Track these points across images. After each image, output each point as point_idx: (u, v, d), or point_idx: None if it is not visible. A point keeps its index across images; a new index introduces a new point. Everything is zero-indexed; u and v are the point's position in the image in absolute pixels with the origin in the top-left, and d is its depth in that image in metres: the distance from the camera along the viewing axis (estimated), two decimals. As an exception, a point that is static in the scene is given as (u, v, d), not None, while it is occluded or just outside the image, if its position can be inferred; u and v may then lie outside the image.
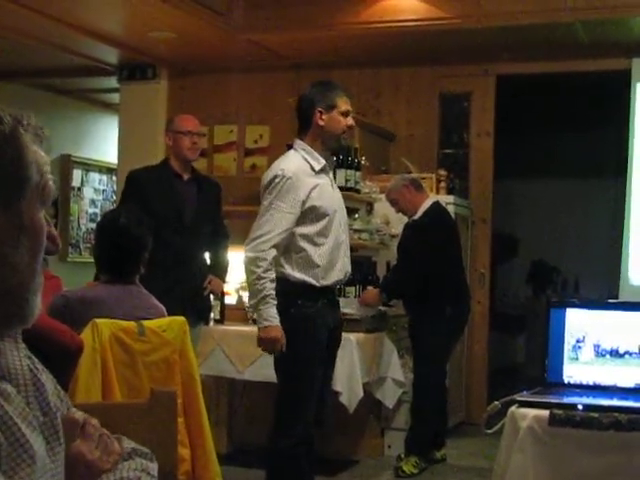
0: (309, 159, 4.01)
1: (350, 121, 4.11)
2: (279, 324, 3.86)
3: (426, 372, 5.83)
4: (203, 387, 3.56)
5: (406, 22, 6.85)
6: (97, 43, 7.58)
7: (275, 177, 3.93)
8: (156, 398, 1.78)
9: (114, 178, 9.73)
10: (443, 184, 7.19)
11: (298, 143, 4.09)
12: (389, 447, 6.24)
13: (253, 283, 3.87)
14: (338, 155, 6.64)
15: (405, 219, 6.02)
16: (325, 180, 4.05)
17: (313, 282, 3.96)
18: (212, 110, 8.23)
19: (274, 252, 3.87)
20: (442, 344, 5.89)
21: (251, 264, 3.87)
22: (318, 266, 3.96)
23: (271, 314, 3.86)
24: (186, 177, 5.14)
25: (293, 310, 3.94)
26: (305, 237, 3.96)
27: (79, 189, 9.95)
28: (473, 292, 6.90)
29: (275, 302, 3.86)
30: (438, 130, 7.94)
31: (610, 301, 4.42)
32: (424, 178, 6.89)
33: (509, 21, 6.70)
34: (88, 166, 10.01)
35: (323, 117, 4.02)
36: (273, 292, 3.86)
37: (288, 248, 3.95)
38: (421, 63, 7.81)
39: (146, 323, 3.32)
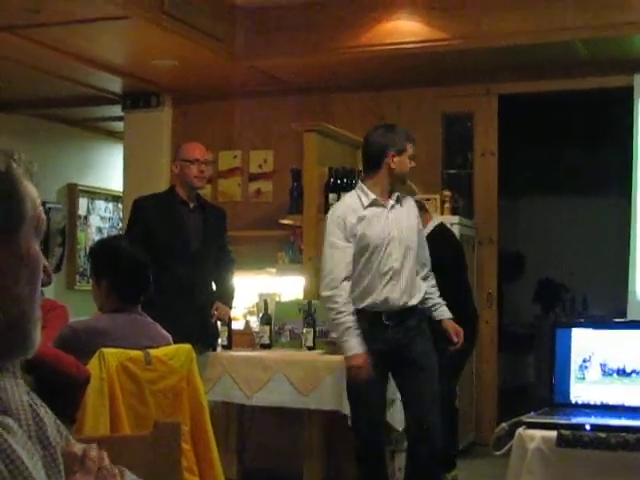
0: (361, 196, 4.40)
1: (413, 164, 4.55)
2: (364, 352, 4.24)
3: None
4: (212, 413, 3.56)
5: (407, 44, 6.89)
6: (100, 72, 7.63)
7: (332, 220, 4.36)
8: (160, 430, 1.79)
9: (120, 206, 9.76)
10: (448, 205, 7.19)
11: (360, 184, 4.49)
12: (399, 470, 6.20)
13: (334, 318, 4.26)
14: (342, 179, 6.69)
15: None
16: (377, 211, 4.40)
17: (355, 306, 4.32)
18: (216, 136, 8.26)
19: (347, 285, 4.25)
20: (451, 365, 5.87)
21: (328, 302, 4.28)
22: (358, 291, 4.34)
23: (354, 343, 4.24)
24: (192, 205, 5.16)
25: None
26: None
27: (85, 217, 9.98)
28: (481, 312, 6.89)
29: (358, 332, 4.23)
30: (441, 151, 7.95)
31: (616, 320, 4.41)
32: (428, 199, 6.90)
33: (509, 41, 6.73)
34: (94, 194, 10.05)
35: (394, 160, 4.42)
36: (355, 323, 4.23)
37: None
38: (423, 84, 7.84)
39: (152, 352, 3.33)
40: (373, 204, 4.38)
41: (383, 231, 4.37)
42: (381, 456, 4.54)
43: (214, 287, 5.27)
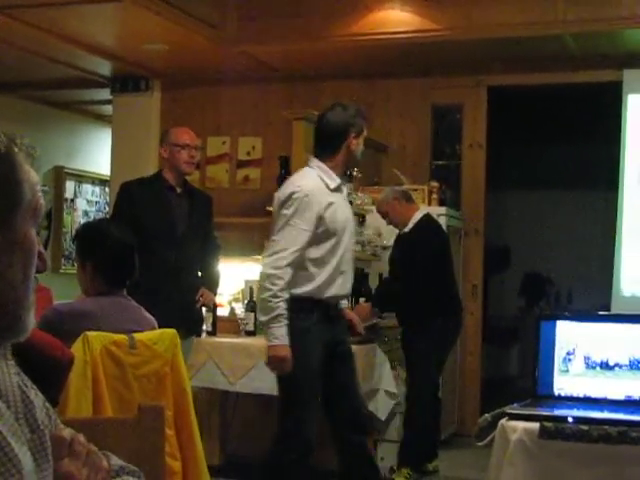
0: (324, 177, 4.10)
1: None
2: (288, 344, 3.92)
3: (419, 384, 5.84)
4: (195, 399, 3.55)
5: (397, 34, 6.88)
6: (90, 55, 7.59)
7: (292, 193, 4.00)
8: (143, 413, 1.79)
9: (107, 189, 9.73)
10: (435, 195, 7.20)
11: (314, 162, 4.16)
12: (382, 459, 6.22)
13: (267, 300, 3.91)
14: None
15: (397, 231, 6.04)
16: (339, 198, 4.15)
17: (306, 296, 4.02)
18: (205, 122, 8.24)
19: (290, 271, 3.94)
20: (435, 356, 5.89)
21: (267, 281, 3.93)
22: (317, 282, 4.04)
23: (282, 333, 3.92)
24: (179, 190, 5.14)
25: (289, 323, 3.97)
26: (312, 260, 4.04)
27: (72, 201, 9.94)
28: (466, 304, 6.91)
29: (287, 322, 3.92)
30: (430, 142, 7.96)
31: (600, 313, 4.43)
32: (416, 189, 6.91)
33: (500, 33, 6.73)
34: (81, 178, 10.01)
35: (354, 142, 4.16)
36: (286, 312, 3.92)
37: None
38: (413, 75, 7.84)
39: (137, 336, 3.32)
40: (337, 189, 4.14)
41: (345, 219, 4.17)
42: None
43: (199, 273, 5.26)
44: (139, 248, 3.45)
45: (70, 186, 9.90)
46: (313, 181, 4.07)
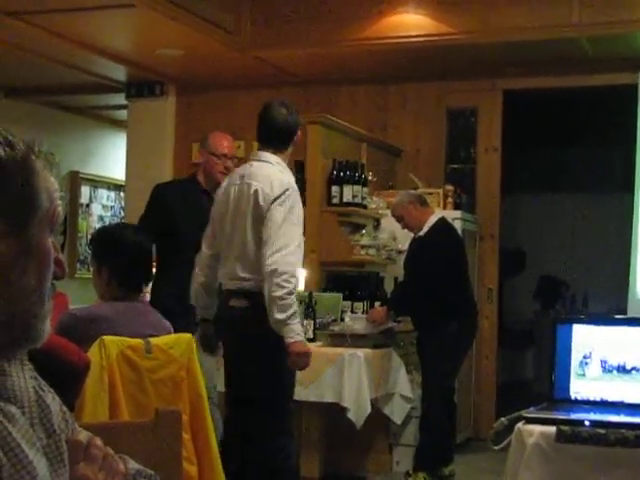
0: (286, 172, 4.17)
1: None
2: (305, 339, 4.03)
3: (434, 388, 5.82)
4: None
5: (412, 38, 6.88)
6: (105, 60, 7.62)
7: (286, 190, 4.02)
8: (161, 417, 1.79)
9: (122, 194, 9.76)
10: (450, 199, 7.19)
11: (274, 158, 4.17)
12: (397, 463, 6.22)
13: (284, 297, 3.90)
14: (346, 171, 6.67)
15: (412, 235, 6.03)
16: None
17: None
18: (219, 126, 8.17)
19: (299, 267, 4.02)
20: (450, 360, 5.88)
21: (281, 278, 3.90)
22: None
23: (300, 329, 3.99)
24: (213, 194, 5.00)
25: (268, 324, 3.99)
26: None
27: (87, 206, 9.98)
28: (481, 307, 6.89)
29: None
30: (445, 145, 7.95)
31: (617, 317, 4.41)
32: (431, 193, 6.90)
33: (515, 36, 6.72)
34: (96, 183, 10.04)
35: (295, 139, 4.25)
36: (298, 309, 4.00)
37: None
38: (428, 78, 7.83)
39: (153, 340, 3.32)
40: None
41: None
42: None
43: None
44: (170, 250, 3.45)
45: (85, 191, 9.93)
46: (291, 177, 4.16)
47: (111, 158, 9.96)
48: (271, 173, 4.11)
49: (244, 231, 4.09)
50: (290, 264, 3.93)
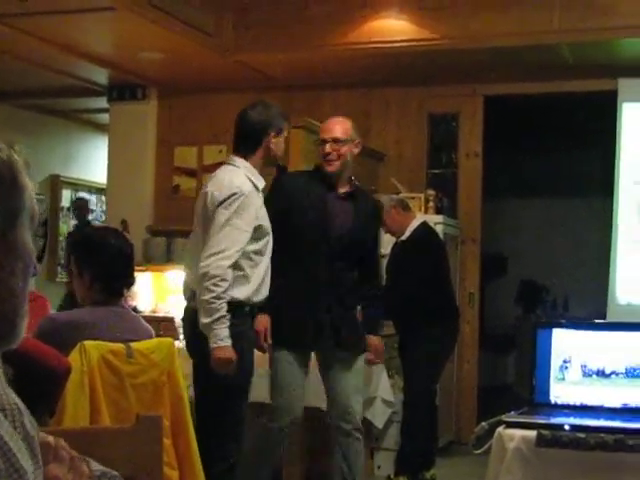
0: (252, 178, 4.06)
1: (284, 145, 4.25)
2: (231, 345, 3.86)
3: (416, 392, 5.83)
4: (192, 409, 3.55)
5: (394, 43, 6.90)
6: (87, 63, 7.61)
7: (233, 194, 3.93)
8: (141, 423, 1.78)
9: (103, 198, 9.73)
10: (432, 204, 7.22)
11: (240, 161, 4.11)
12: (379, 467, 6.23)
13: (210, 301, 3.84)
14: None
15: (394, 239, 6.04)
16: (261, 200, 4.11)
17: (244, 300, 3.98)
18: (201, 130, 8.25)
19: (231, 272, 3.89)
20: (432, 364, 5.89)
21: (210, 282, 3.85)
22: (252, 284, 4.00)
23: (226, 334, 3.85)
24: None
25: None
26: (246, 255, 3.97)
27: (68, 209, 9.94)
28: (462, 312, 6.91)
29: (229, 323, 3.86)
30: (427, 150, 7.98)
31: (596, 321, 4.43)
32: (413, 198, 6.92)
33: (496, 42, 6.76)
34: (77, 186, 10.02)
35: (273, 141, 4.12)
36: (227, 313, 3.86)
37: None
38: (410, 83, 7.86)
39: (134, 345, 3.31)
40: (262, 190, 4.11)
41: (268, 219, 4.13)
42: None
43: None
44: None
45: (66, 195, 9.90)
46: (247, 182, 4.03)
47: (93, 161, 9.94)
48: (226, 176, 4.05)
49: (197, 234, 4.08)
50: (222, 268, 3.86)
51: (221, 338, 3.85)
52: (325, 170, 4.46)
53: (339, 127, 4.59)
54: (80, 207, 9.38)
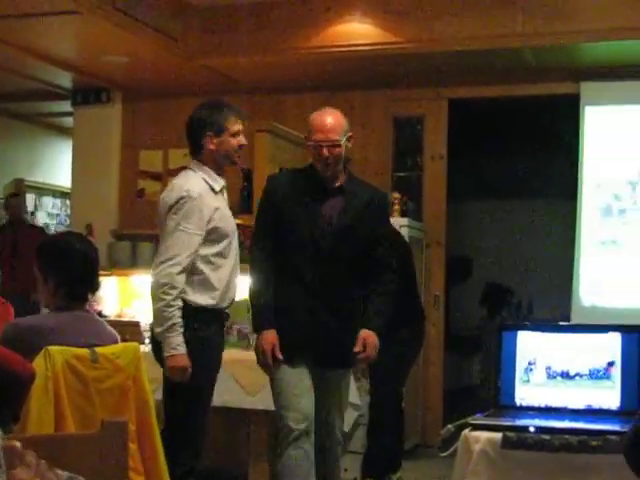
0: (209, 180, 3.99)
1: (242, 140, 4.05)
2: (186, 352, 3.82)
3: (382, 395, 5.84)
4: (158, 413, 3.54)
5: (358, 46, 6.92)
6: (50, 67, 7.55)
7: (181, 198, 3.88)
8: (106, 428, 1.78)
9: (68, 202, 9.67)
10: (397, 207, 7.24)
11: (196, 164, 4.05)
12: (345, 470, 6.21)
13: (162, 310, 3.81)
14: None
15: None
16: (223, 202, 4.06)
17: (208, 305, 3.92)
18: (166, 134, 8.22)
19: (183, 278, 3.83)
20: (399, 367, 5.90)
21: (160, 290, 3.82)
22: (216, 289, 3.94)
23: (179, 342, 3.81)
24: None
25: (188, 334, 3.86)
26: (204, 259, 3.92)
27: (32, 213, 9.87)
28: (428, 314, 6.93)
29: (182, 330, 3.82)
30: (392, 153, 8.00)
31: (561, 324, 4.48)
32: (378, 201, 6.93)
33: (460, 46, 6.79)
34: (41, 190, 9.94)
35: (214, 141, 4.00)
36: (181, 320, 3.82)
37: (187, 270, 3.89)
38: (374, 87, 7.88)
39: (99, 349, 3.29)
40: (220, 191, 4.03)
41: (233, 222, 4.09)
42: None
43: None
44: None
45: (30, 199, 9.82)
46: (199, 184, 3.95)
47: (57, 165, 9.87)
48: (178, 181, 4.00)
49: (158, 241, 4.05)
50: (171, 275, 3.81)
51: (174, 347, 3.81)
52: (323, 174, 4.09)
53: (334, 126, 4.14)
54: (8, 206, 8.92)
